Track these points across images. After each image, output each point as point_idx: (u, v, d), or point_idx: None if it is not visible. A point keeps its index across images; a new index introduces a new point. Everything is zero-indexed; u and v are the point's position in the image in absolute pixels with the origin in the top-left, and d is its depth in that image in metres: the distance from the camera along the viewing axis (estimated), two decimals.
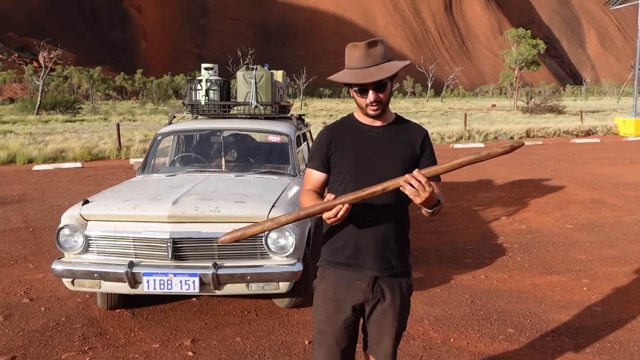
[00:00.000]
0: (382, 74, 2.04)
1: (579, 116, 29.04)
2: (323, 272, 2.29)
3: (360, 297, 2.21)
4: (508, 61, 53.91)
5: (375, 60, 2.06)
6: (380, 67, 2.06)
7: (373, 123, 2.21)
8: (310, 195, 2.18)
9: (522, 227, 7.04)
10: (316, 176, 2.24)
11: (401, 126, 2.24)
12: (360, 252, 2.17)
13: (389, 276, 2.21)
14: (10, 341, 3.82)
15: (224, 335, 3.89)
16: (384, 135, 2.20)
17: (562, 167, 12.78)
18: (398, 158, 2.17)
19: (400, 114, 2.32)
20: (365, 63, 2.06)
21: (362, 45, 2.07)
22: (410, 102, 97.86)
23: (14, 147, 15.38)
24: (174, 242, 3.75)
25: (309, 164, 2.25)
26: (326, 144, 2.21)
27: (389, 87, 2.12)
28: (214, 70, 5.97)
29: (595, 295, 4.65)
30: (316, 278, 2.33)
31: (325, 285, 2.26)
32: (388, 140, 2.19)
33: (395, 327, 2.26)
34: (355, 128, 2.22)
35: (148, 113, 44.66)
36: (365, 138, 2.19)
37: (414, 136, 2.23)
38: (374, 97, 2.09)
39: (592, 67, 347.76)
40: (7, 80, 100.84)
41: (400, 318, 2.26)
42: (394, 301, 2.23)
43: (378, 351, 2.30)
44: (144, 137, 19.41)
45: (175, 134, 5.67)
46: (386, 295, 2.21)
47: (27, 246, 6.27)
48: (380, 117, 2.18)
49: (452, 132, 20.90)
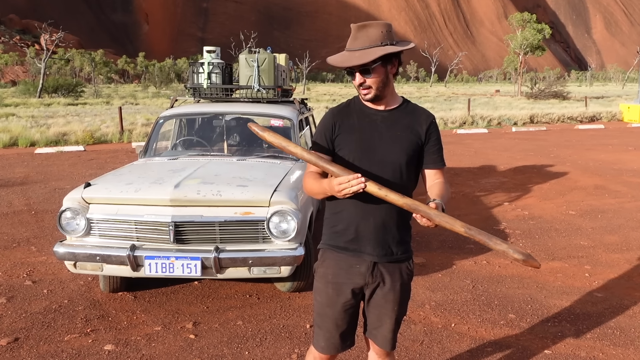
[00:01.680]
0: (362, 59, 1.99)
1: (584, 102, 28.90)
2: (323, 255, 2.28)
3: (360, 280, 2.20)
4: (512, 46, 53.49)
5: (364, 44, 2.02)
6: (366, 51, 2.01)
7: (378, 107, 2.17)
8: (315, 177, 2.15)
9: (524, 213, 7.03)
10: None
11: (407, 111, 2.20)
12: (360, 237, 2.16)
13: (389, 262, 2.20)
14: (13, 323, 3.84)
15: (225, 319, 3.90)
16: (389, 119, 2.16)
17: (565, 153, 12.73)
18: (402, 143, 2.14)
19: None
20: (353, 46, 2.04)
21: (354, 28, 2.05)
22: (414, 87, 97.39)
23: (16, 130, 15.37)
24: (176, 225, 3.75)
25: (313, 147, 2.21)
26: (331, 126, 2.17)
27: (379, 72, 2.05)
28: (216, 54, 5.93)
29: (597, 281, 4.65)
30: (317, 261, 2.32)
31: (325, 269, 2.25)
32: (392, 125, 2.15)
33: (395, 312, 2.25)
34: (360, 111, 2.18)
35: (150, 97, 44.53)
36: (370, 122, 2.16)
37: (420, 122, 2.18)
38: (360, 81, 2.07)
39: (598, 53, 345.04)
40: (8, 63, 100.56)
41: (400, 303, 2.25)
42: (394, 286, 2.22)
43: (377, 335, 2.30)
44: (146, 120, 19.37)
45: (178, 118, 5.65)
46: (386, 280, 2.21)
47: (29, 229, 6.29)
48: (374, 102, 2.15)
49: (455, 117, 20.81)
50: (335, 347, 2.29)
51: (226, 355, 3.39)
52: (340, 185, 1.93)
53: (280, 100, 5.92)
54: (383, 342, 2.30)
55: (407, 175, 2.17)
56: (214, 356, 3.38)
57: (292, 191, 3.94)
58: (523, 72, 55.41)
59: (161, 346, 3.51)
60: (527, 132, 18.65)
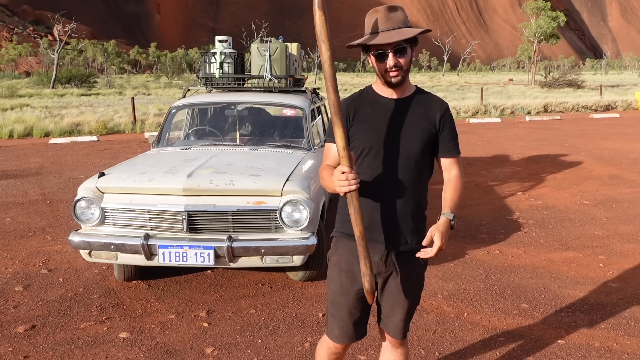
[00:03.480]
0: (403, 36, 2.00)
1: (599, 91, 28.53)
2: (336, 243, 2.27)
3: (373, 269, 2.19)
4: (526, 34, 52.76)
5: (396, 24, 2.02)
6: (400, 30, 2.02)
7: (392, 95, 2.15)
8: (330, 170, 2.13)
9: (538, 202, 6.98)
10: (336, 150, 2.20)
11: (421, 99, 2.18)
12: (373, 226, 2.15)
13: (403, 251, 2.19)
14: (30, 310, 3.90)
15: (238, 307, 3.93)
16: (403, 108, 2.14)
17: (580, 142, 12.60)
18: (417, 132, 2.13)
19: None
20: (386, 26, 2.02)
21: (382, 9, 2.04)
22: (426, 76, 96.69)
23: (30, 121, 15.51)
24: (189, 214, 3.77)
25: (328, 139, 2.19)
26: (345, 115, 2.15)
27: (409, 53, 2.06)
28: (228, 43, 5.92)
29: (611, 271, 4.61)
30: (330, 249, 2.31)
31: (339, 257, 2.24)
32: (407, 114, 2.14)
33: (408, 302, 2.24)
34: (374, 100, 2.17)
35: (162, 87, 44.69)
36: (383, 110, 2.14)
37: (434, 110, 2.16)
38: (394, 62, 2.04)
39: (613, 41, 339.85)
40: (22, 53, 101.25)
41: (412, 292, 2.25)
42: (408, 275, 2.21)
43: (389, 324, 2.30)
44: (158, 111, 19.45)
45: (190, 107, 5.66)
46: (400, 269, 2.19)
47: (44, 218, 6.36)
48: (399, 86, 2.12)
49: (468, 106, 20.65)
50: (349, 336, 2.30)
51: (239, 343, 3.42)
52: (340, 182, 1.92)
53: (292, 90, 5.90)
54: (395, 331, 2.30)
55: (422, 164, 2.16)
56: (227, 344, 3.41)
57: (304, 180, 3.94)
58: (537, 61, 54.74)
59: (175, 334, 3.54)
60: (540, 121, 18.47)
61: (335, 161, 2.15)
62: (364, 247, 2.01)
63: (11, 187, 8.04)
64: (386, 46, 2.02)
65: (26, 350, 3.35)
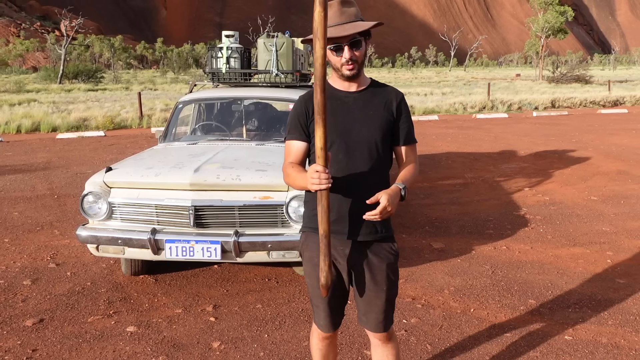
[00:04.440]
0: (357, 29, 2.06)
1: (607, 86, 28.33)
2: (306, 238, 2.29)
3: (345, 261, 2.23)
4: (534, 29, 52.48)
5: (350, 17, 2.09)
6: (355, 24, 2.08)
7: (348, 88, 2.20)
8: (297, 168, 2.18)
9: (545, 198, 6.95)
10: (298, 147, 2.22)
11: (377, 90, 2.24)
12: (342, 219, 2.17)
13: (373, 241, 2.21)
14: (38, 304, 3.92)
15: (245, 302, 3.94)
16: (360, 100, 2.20)
17: (587, 138, 12.53)
18: (376, 122, 2.18)
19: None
20: (340, 20, 2.07)
21: (335, 3, 2.09)
22: (433, 71, 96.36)
23: (38, 116, 15.59)
24: (196, 209, 3.78)
25: (288, 136, 2.24)
26: (304, 112, 2.20)
27: (364, 46, 2.12)
28: (234, 38, 5.91)
29: (619, 267, 4.59)
30: (301, 245, 2.34)
31: (310, 252, 2.27)
32: (364, 105, 2.19)
33: (385, 292, 2.24)
34: (331, 95, 2.16)
35: (169, 82, 44.75)
36: (341, 104, 2.18)
37: (390, 99, 2.22)
38: (350, 55, 2.09)
39: (622, 36, 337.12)
40: (30, 49, 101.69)
41: (388, 282, 2.24)
42: (380, 265, 2.22)
43: (369, 319, 2.29)
44: (164, 106, 19.49)
45: (196, 102, 5.66)
46: (372, 261, 2.22)
47: (52, 213, 6.40)
48: (355, 79, 2.18)
49: (474, 102, 20.57)
50: (334, 323, 2.36)
51: (246, 338, 3.43)
52: (312, 179, 1.95)
53: (299, 85, 5.90)
54: (376, 324, 2.29)
55: (384, 154, 2.20)
56: (234, 338, 3.42)
57: None
58: (545, 56, 54.42)
59: (182, 328, 3.56)
60: (548, 116, 18.37)
61: (297, 159, 2.21)
62: (326, 245, 2.04)
63: (19, 182, 8.09)
64: (342, 39, 2.06)
65: (34, 343, 3.37)
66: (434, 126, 15.21)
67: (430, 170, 8.82)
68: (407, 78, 56.65)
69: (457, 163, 9.50)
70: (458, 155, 10.34)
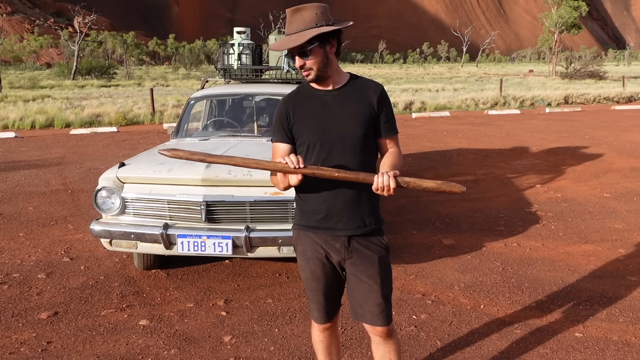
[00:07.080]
0: (297, 42, 2.04)
1: (621, 82, 28.01)
2: (298, 235, 2.33)
3: (337, 256, 2.25)
4: (547, 24, 51.94)
5: (299, 26, 2.06)
6: (300, 34, 2.05)
7: (327, 87, 2.21)
8: None
9: (557, 195, 6.91)
10: (283, 148, 2.23)
11: (355, 85, 2.23)
12: (331, 215, 2.20)
13: (363, 234, 2.23)
14: (52, 297, 3.99)
15: (255, 297, 3.97)
16: (340, 97, 2.20)
17: (601, 134, 12.42)
18: (357, 117, 2.17)
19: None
20: (289, 30, 2.08)
21: (289, 11, 2.09)
22: (445, 67, 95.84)
23: (52, 112, 15.75)
24: (207, 205, 3.81)
25: (274, 138, 2.26)
26: (285, 115, 2.21)
27: (317, 53, 2.09)
28: (246, 34, 5.94)
29: (631, 265, 4.56)
30: (294, 240, 2.38)
31: (303, 246, 2.31)
32: (344, 102, 2.19)
33: (379, 285, 2.25)
34: (310, 95, 2.21)
35: (180, 78, 44.95)
36: (321, 104, 2.19)
37: (370, 93, 2.21)
38: (300, 63, 2.11)
39: (637, 31, 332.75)
40: (43, 45, 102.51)
41: (381, 275, 2.25)
42: (371, 258, 2.24)
43: (365, 314, 2.29)
44: (176, 102, 19.60)
45: (208, 99, 5.70)
46: (363, 254, 2.24)
47: (66, 207, 6.47)
48: (324, 81, 2.18)
49: (487, 98, 20.45)
50: (329, 315, 2.41)
51: (256, 332, 3.46)
52: (291, 164, 2.00)
53: None
54: (372, 317, 2.28)
55: (368, 148, 2.20)
56: (245, 333, 3.46)
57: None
58: (558, 52, 53.88)
59: (193, 322, 3.60)
60: (561, 113, 18.22)
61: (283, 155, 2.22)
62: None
63: (34, 177, 8.19)
64: (292, 49, 2.08)
65: (49, 335, 3.43)
66: (446, 122, 15.14)
67: (441, 167, 8.80)
68: (418, 74, 56.34)
69: (468, 159, 9.47)
70: (469, 151, 10.30)
